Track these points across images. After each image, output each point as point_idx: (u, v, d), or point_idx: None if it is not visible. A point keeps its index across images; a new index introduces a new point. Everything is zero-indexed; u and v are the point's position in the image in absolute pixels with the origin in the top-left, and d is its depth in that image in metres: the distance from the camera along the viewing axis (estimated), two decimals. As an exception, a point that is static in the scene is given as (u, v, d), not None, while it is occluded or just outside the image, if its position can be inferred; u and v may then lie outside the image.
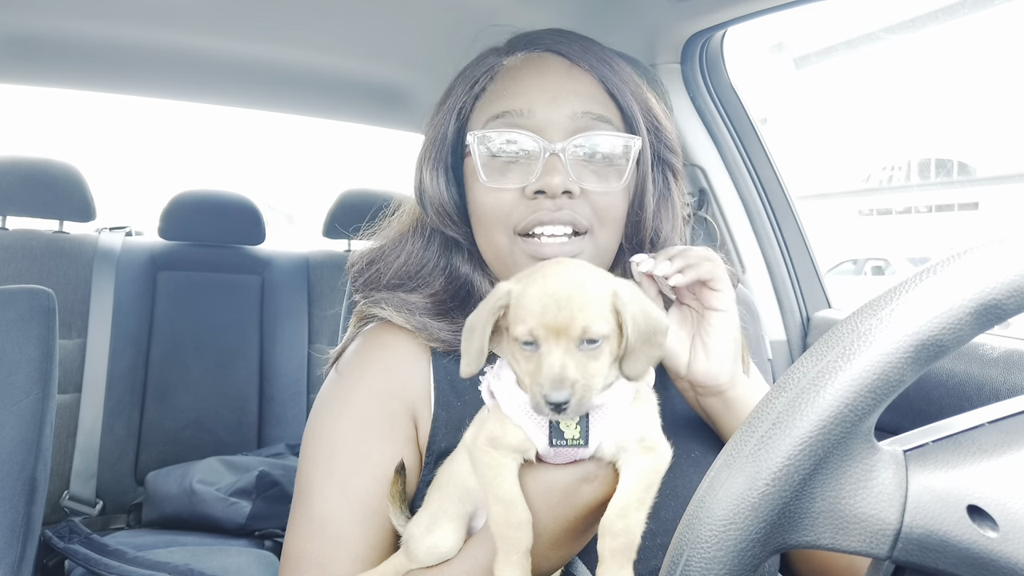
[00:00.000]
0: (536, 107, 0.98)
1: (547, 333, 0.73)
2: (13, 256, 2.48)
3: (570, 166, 0.96)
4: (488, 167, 0.99)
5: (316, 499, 0.95)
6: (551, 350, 0.73)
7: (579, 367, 0.73)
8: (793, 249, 1.96)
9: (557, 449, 0.79)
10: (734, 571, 0.48)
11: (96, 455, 2.43)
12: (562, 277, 0.76)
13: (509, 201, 0.98)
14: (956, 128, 16.18)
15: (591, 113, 0.99)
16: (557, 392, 0.71)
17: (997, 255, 0.48)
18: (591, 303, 0.74)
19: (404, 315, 1.03)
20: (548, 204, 0.96)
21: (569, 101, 0.98)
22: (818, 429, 0.47)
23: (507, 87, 1.02)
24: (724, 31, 1.83)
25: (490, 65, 1.05)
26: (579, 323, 0.73)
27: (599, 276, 0.79)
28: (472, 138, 1.00)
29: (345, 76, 2.44)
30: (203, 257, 2.80)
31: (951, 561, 0.46)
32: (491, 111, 1.01)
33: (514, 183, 0.98)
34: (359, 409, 0.99)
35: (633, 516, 0.76)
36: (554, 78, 1.01)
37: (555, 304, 0.73)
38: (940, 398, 1.44)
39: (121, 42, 2.21)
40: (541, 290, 0.75)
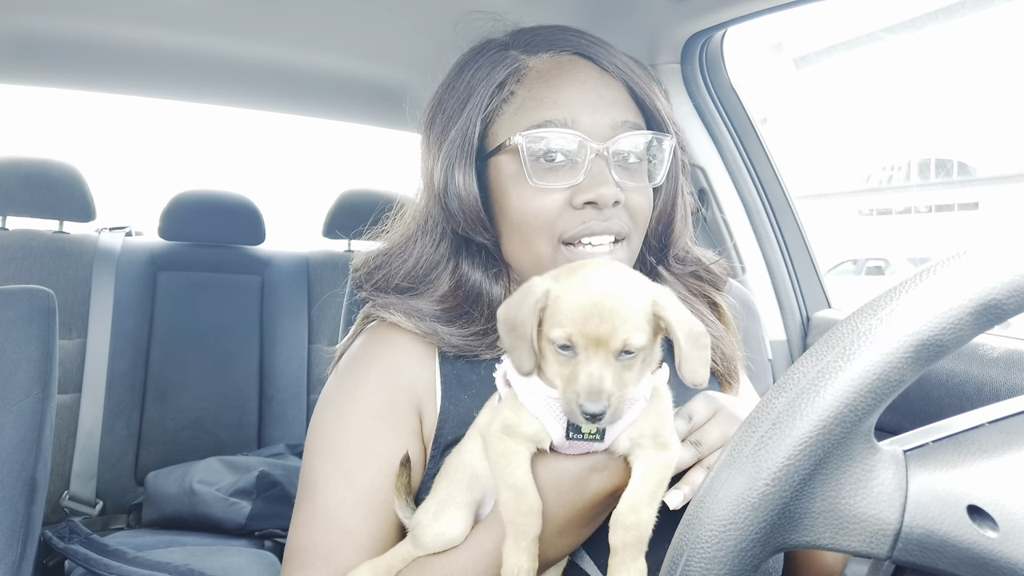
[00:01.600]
0: (579, 117, 0.98)
1: (587, 342, 0.73)
2: (13, 256, 2.48)
3: (614, 170, 0.97)
4: (534, 170, 0.98)
5: (321, 492, 0.96)
6: (590, 360, 0.73)
7: (615, 378, 0.73)
8: (793, 249, 1.96)
9: (572, 442, 0.80)
10: (734, 571, 0.48)
11: (96, 455, 2.43)
12: (604, 284, 0.75)
13: (555, 208, 0.97)
14: (956, 128, 16.18)
15: (628, 122, 1.00)
16: (594, 404, 0.71)
17: (997, 255, 0.48)
18: (632, 315, 0.74)
19: (414, 321, 1.02)
20: (598, 215, 0.96)
21: (608, 111, 0.99)
22: (818, 429, 0.47)
23: (545, 95, 1.00)
24: (724, 31, 1.83)
25: (514, 66, 1.03)
26: (620, 336, 0.73)
27: (638, 283, 0.78)
28: (521, 139, 0.98)
29: (345, 76, 2.44)
30: (203, 257, 2.80)
31: (951, 561, 0.46)
32: (531, 118, 0.99)
33: (560, 185, 0.97)
34: (364, 402, 0.99)
35: (644, 510, 0.77)
36: (592, 87, 1.00)
37: (598, 315, 0.73)
38: (940, 398, 1.44)
39: (121, 42, 2.21)
40: (583, 297, 0.74)
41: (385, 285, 1.08)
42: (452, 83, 1.07)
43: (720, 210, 1.96)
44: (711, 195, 1.96)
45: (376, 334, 1.07)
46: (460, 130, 1.03)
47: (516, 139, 0.98)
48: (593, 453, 0.82)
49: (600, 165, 0.96)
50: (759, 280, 1.96)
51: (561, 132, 0.97)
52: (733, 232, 1.97)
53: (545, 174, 0.97)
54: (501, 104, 1.02)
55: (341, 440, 0.98)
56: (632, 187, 0.99)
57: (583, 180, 0.96)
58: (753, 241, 1.97)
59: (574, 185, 0.97)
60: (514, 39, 1.08)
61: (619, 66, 1.03)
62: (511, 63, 1.03)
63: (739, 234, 1.97)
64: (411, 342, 1.03)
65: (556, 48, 1.05)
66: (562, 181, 0.97)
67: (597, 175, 0.96)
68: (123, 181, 17.36)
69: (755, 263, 1.97)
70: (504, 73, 1.03)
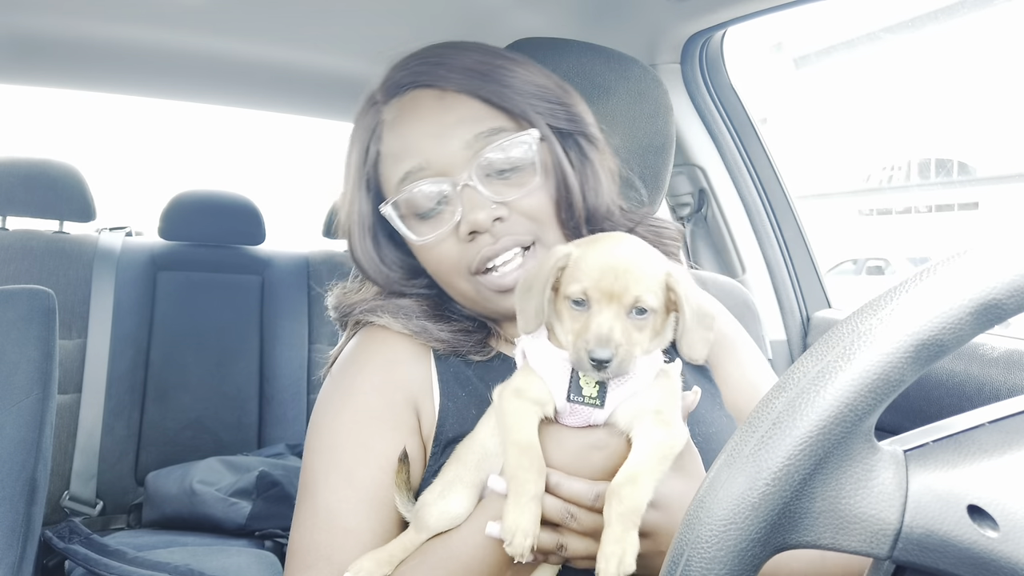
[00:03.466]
0: (430, 156, 0.97)
1: (601, 296, 0.78)
2: (13, 256, 2.48)
3: (487, 190, 0.96)
4: (416, 228, 0.99)
5: (321, 491, 0.96)
6: (602, 311, 0.78)
7: (625, 332, 0.77)
8: (793, 249, 1.96)
9: (573, 406, 0.81)
10: (735, 571, 0.48)
11: (96, 455, 2.43)
12: (622, 248, 0.81)
13: (452, 250, 0.99)
14: (956, 128, 16.18)
15: (482, 133, 0.98)
16: (602, 349, 0.75)
17: (997, 255, 0.48)
18: (646, 276, 0.78)
19: (402, 320, 1.04)
20: (486, 239, 0.97)
21: (456, 134, 0.97)
22: (818, 429, 0.47)
23: (394, 146, 1.01)
24: (724, 31, 1.84)
25: (373, 126, 1.04)
26: (633, 292, 0.77)
27: (655, 254, 0.83)
28: (388, 210, 1.00)
29: (345, 76, 2.44)
30: (203, 257, 2.80)
31: (951, 561, 0.46)
32: (393, 176, 1.00)
33: (445, 228, 0.98)
34: (361, 401, 1.00)
35: (641, 483, 0.77)
36: (432, 118, 0.99)
37: (612, 271, 0.78)
38: (940, 398, 1.44)
39: (121, 42, 2.21)
40: (601, 256, 0.79)
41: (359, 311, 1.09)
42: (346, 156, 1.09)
43: (720, 210, 1.97)
44: (711, 195, 1.97)
45: (369, 335, 1.07)
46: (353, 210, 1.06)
47: (384, 211, 1.01)
48: (595, 427, 0.83)
49: (470, 193, 0.96)
50: (759, 280, 1.96)
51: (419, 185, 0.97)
52: (733, 232, 1.97)
53: (427, 225, 0.99)
54: (375, 168, 1.04)
55: (340, 439, 0.98)
56: (518, 194, 0.98)
57: (459, 215, 0.97)
58: (753, 241, 1.97)
59: (455, 223, 0.97)
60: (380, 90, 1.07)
61: (459, 80, 1.00)
62: (371, 123, 1.05)
63: (739, 234, 1.97)
64: (405, 341, 1.04)
65: (399, 89, 1.04)
66: (443, 225, 0.98)
67: (469, 204, 0.96)
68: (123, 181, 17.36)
69: (755, 263, 1.97)
70: (367, 138, 1.04)
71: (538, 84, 1.04)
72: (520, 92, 1.01)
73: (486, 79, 1.00)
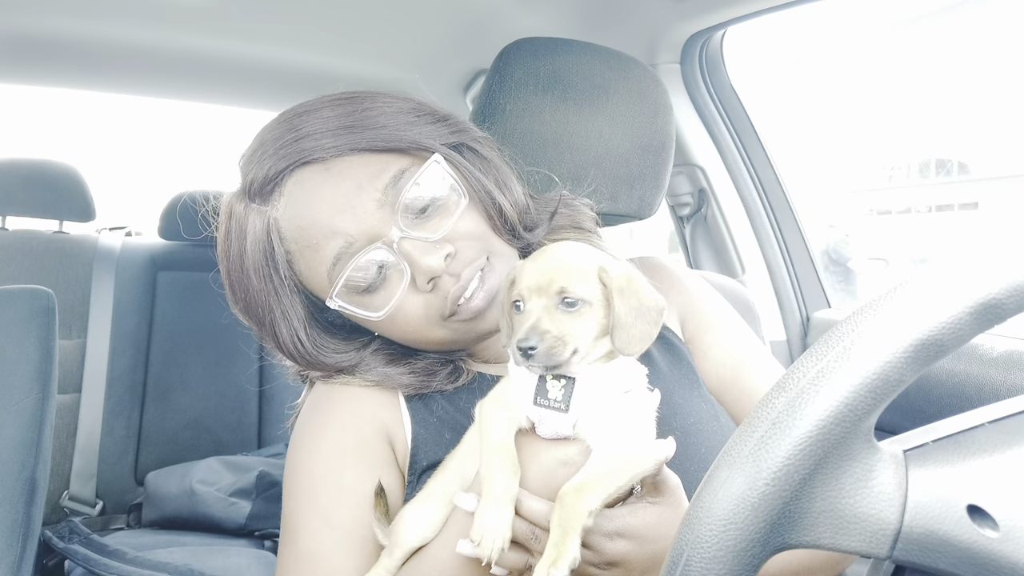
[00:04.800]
0: (349, 229, 0.91)
1: (530, 292, 0.80)
2: (13, 256, 2.48)
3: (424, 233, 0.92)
4: (371, 304, 0.94)
5: (302, 536, 0.95)
6: (531, 306, 0.80)
7: (555, 321, 0.78)
8: (793, 249, 1.96)
9: (542, 414, 0.81)
10: (734, 571, 0.48)
11: (96, 455, 2.43)
12: (557, 249, 0.84)
13: (417, 307, 0.94)
14: (956, 128, 16.18)
15: (388, 184, 0.92)
16: (527, 338, 0.77)
17: (997, 255, 0.48)
18: (573, 269, 0.80)
19: (360, 375, 1.01)
20: (447, 280, 0.93)
21: (360, 199, 0.92)
22: (818, 429, 0.47)
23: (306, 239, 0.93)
24: (724, 31, 1.84)
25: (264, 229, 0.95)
26: (558, 282, 0.79)
27: (591, 252, 0.85)
28: (335, 303, 0.95)
29: (345, 76, 2.44)
30: (203, 257, 2.79)
31: (951, 561, 0.46)
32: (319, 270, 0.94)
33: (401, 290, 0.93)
34: (332, 440, 0.98)
35: (587, 492, 0.76)
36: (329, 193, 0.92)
37: (539, 269, 0.81)
38: (940, 398, 1.44)
39: (121, 42, 2.21)
40: (536, 260, 0.83)
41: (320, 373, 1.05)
42: (234, 282, 1.02)
43: (720, 210, 1.97)
44: (711, 195, 1.97)
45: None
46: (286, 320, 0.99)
47: (332, 305, 0.95)
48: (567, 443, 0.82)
49: (409, 245, 0.91)
50: (759, 280, 1.96)
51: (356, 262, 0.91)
52: (733, 232, 1.97)
53: (378, 299, 0.94)
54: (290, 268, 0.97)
55: (315, 480, 0.97)
56: (450, 224, 0.94)
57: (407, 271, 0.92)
58: (753, 241, 1.97)
59: (407, 281, 0.93)
60: (246, 193, 0.97)
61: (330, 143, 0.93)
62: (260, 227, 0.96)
63: (739, 234, 1.97)
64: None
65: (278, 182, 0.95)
66: (396, 286, 0.93)
67: (416, 255, 0.91)
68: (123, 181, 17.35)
69: (755, 263, 1.97)
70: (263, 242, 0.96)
71: (409, 109, 0.99)
72: (398, 125, 0.96)
73: (358, 129, 0.94)
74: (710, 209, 1.98)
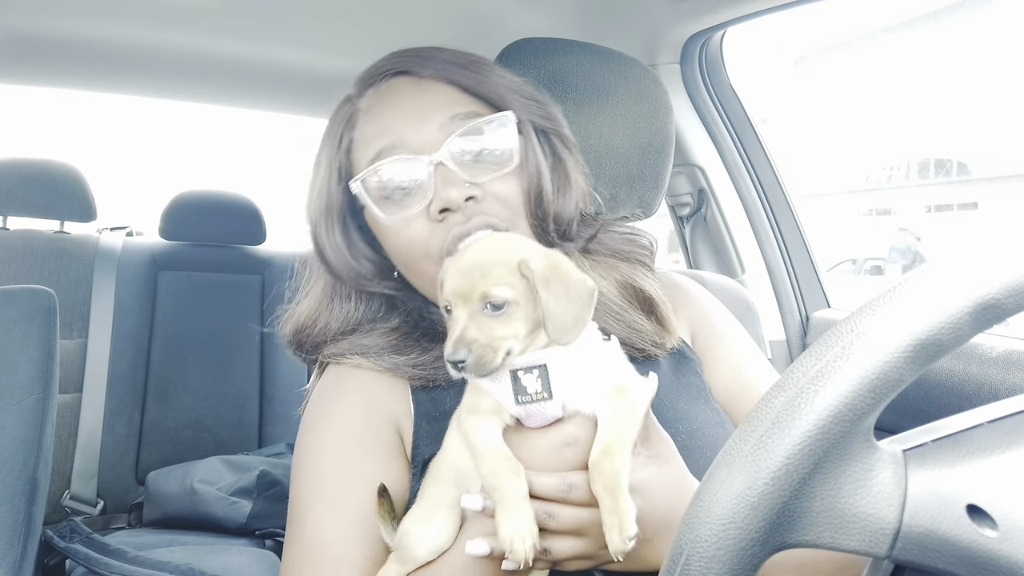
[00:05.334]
0: (405, 135, 0.96)
1: (455, 300, 0.78)
2: (14, 256, 2.48)
3: (461, 171, 0.95)
4: (386, 207, 0.97)
5: (309, 521, 0.95)
6: (456, 315, 0.78)
7: (483, 329, 0.77)
8: (792, 249, 1.97)
9: (528, 408, 0.80)
10: (734, 570, 0.48)
11: (97, 455, 2.43)
12: (476, 249, 0.82)
13: (422, 231, 0.96)
14: (955, 128, 16.17)
15: (458, 115, 0.97)
16: (454, 352, 0.76)
17: (996, 254, 0.48)
18: (493, 270, 0.78)
19: (372, 360, 1.02)
20: (458, 218, 0.94)
21: (432, 115, 0.97)
22: (817, 428, 0.47)
23: (369, 129, 1.00)
24: (724, 31, 1.84)
25: (347, 115, 1.03)
26: (479, 288, 0.77)
27: (514, 245, 0.83)
28: (356, 186, 0.98)
29: (345, 76, 2.44)
30: (204, 257, 2.80)
31: (950, 560, 0.46)
32: (366, 157, 0.98)
33: (416, 209, 0.96)
34: (343, 427, 0.98)
35: (617, 453, 0.77)
36: (408, 100, 0.99)
37: (459, 273, 0.79)
38: (939, 397, 1.44)
39: (121, 42, 2.21)
40: (456, 262, 0.81)
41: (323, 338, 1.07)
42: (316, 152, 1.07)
43: (719, 210, 1.97)
44: (710, 195, 1.97)
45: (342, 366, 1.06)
46: (320, 198, 1.03)
47: (353, 188, 0.98)
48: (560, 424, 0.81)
49: (443, 172, 0.94)
50: (758, 280, 1.97)
51: (392, 159, 0.95)
52: (732, 232, 1.97)
53: (397, 206, 0.97)
54: (348, 156, 1.02)
55: (324, 467, 0.97)
56: (491, 178, 0.97)
57: (431, 195, 0.95)
58: (752, 241, 1.97)
59: (426, 204, 0.95)
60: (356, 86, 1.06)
61: (436, 67, 1.00)
62: (345, 115, 1.03)
63: (738, 234, 1.97)
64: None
65: (376, 79, 1.04)
66: (415, 205, 0.96)
67: (442, 182, 0.94)
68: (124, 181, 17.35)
69: (754, 263, 1.97)
70: (341, 127, 1.03)
71: (514, 81, 1.04)
72: (497, 83, 1.01)
73: (463, 68, 1.01)
74: (710, 209, 1.98)
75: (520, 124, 1.00)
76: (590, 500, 0.78)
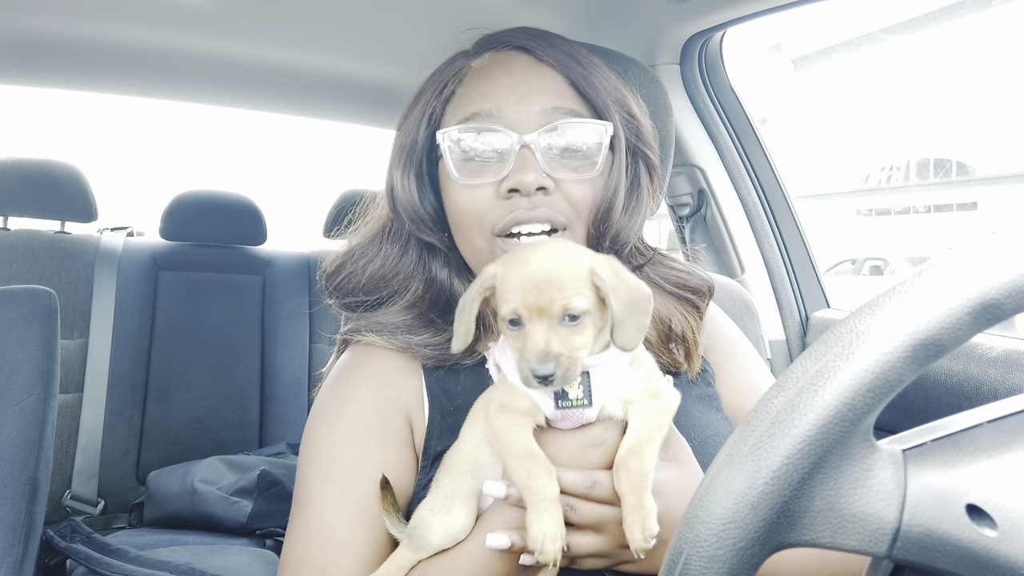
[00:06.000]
0: (505, 107, 0.97)
1: (530, 313, 0.78)
2: (15, 256, 2.48)
3: (543, 160, 0.96)
4: (461, 167, 0.99)
5: (315, 504, 0.95)
6: (535, 328, 0.78)
7: (563, 341, 0.77)
8: (792, 249, 1.97)
9: (564, 412, 0.82)
10: (734, 570, 0.48)
11: (98, 455, 2.43)
12: (542, 258, 0.81)
13: (484, 201, 0.98)
14: (955, 128, 16.17)
15: (561, 108, 0.98)
16: (543, 366, 0.75)
17: (996, 254, 0.48)
18: (569, 282, 0.78)
19: (386, 337, 1.03)
20: (524, 203, 0.95)
21: (537, 99, 0.98)
22: (817, 428, 0.47)
23: (475, 89, 1.01)
24: (724, 32, 1.84)
25: (458, 68, 1.05)
26: (559, 302, 0.77)
27: (578, 253, 0.83)
28: (442, 137, 0.99)
29: (345, 76, 2.44)
30: (204, 257, 2.80)
31: (950, 560, 0.46)
32: (461, 114, 1.00)
33: (488, 180, 0.97)
34: (355, 414, 0.99)
35: (644, 451, 0.79)
36: (521, 77, 1.00)
37: (535, 287, 0.78)
38: (939, 397, 1.44)
39: (121, 42, 2.21)
40: (522, 272, 0.79)
41: (348, 286, 1.09)
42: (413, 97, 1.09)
43: (719, 210, 1.97)
44: (710, 195, 1.97)
45: (360, 350, 1.07)
46: (406, 134, 1.06)
47: (440, 135, 1.00)
48: (589, 426, 0.83)
49: (526, 154, 0.96)
50: (758, 280, 1.97)
51: (484, 126, 0.97)
52: (732, 232, 1.97)
53: (472, 170, 0.98)
54: (444, 106, 1.04)
55: (335, 452, 0.97)
56: (570, 177, 0.98)
57: (507, 171, 0.96)
58: (752, 241, 1.97)
59: (501, 177, 0.97)
60: (474, 46, 1.09)
61: (559, 56, 1.02)
62: (456, 68, 1.05)
63: (738, 234, 1.97)
64: (395, 354, 1.04)
65: (496, 46, 1.06)
66: (489, 175, 0.97)
67: (521, 164, 0.95)
68: (125, 181, 17.36)
69: (754, 263, 1.97)
70: (448, 76, 1.05)
71: (621, 93, 1.05)
72: (605, 91, 1.02)
73: (580, 66, 1.02)
74: (709, 209, 1.98)
75: (614, 138, 1.02)
76: (612, 498, 0.80)
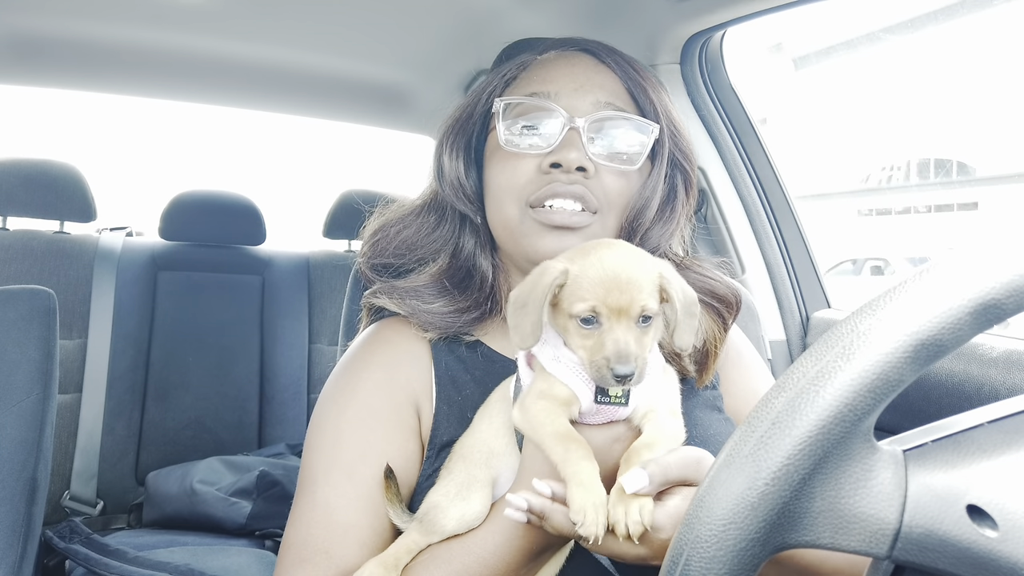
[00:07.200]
0: (562, 92, 1.03)
1: (610, 312, 0.80)
2: (14, 256, 2.48)
3: (588, 144, 1.01)
4: (510, 135, 1.04)
5: (321, 486, 0.96)
6: (614, 328, 0.80)
7: (638, 342, 0.80)
8: (792, 249, 1.96)
9: (599, 407, 0.84)
10: (734, 570, 0.48)
11: (97, 455, 2.43)
12: (618, 258, 0.83)
13: (526, 174, 1.02)
14: (955, 128, 16.17)
15: (613, 104, 1.04)
16: (624, 366, 0.78)
17: (996, 254, 0.48)
18: (647, 284, 0.81)
19: (395, 300, 1.07)
20: (562, 178, 1.00)
21: (594, 91, 1.04)
22: (818, 429, 0.47)
23: (537, 74, 1.08)
24: (724, 31, 1.83)
25: (523, 62, 1.11)
26: (639, 303, 0.80)
27: (645, 255, 0.86)
28: (499, 104, 1.04)
29: (345, 76, 2.45)
30: (204, 257, 2.80)
31: (950, 561, 0.46)
32: (521, 92, 1.06)
33: (533, 153, 1.02)
34: (365, 399, 1.01)
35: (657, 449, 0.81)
36: (582, 70, 1.07)
37: (617, 287, 0.80)
38: (940, 398, 1.44)
39: (121, 42, 2.21)
40: (601, 271, 0.81)
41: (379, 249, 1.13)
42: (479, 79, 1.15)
43: (720, 210, 1.96)
44: (711, 195, 1.96)
45: (374, 334, 1.09)
46: (461, 109, 1.11)
47: (497, 103, 1.05)
48: (615, 423, 0.85)
49: (573, 135, 1.01)
50: (758, 280, 1.96)
51: (538, 102, 1.03)
52: (733, 232, 1.97)
53: (520, 141, 1.03)
54: (504, 87, 1.09)
55: (343, 436, 0.99)
56: (609, 167, 1.03)
57: (553, 147, 1.01)
58: (752, 241, 1.97)
59: (545, 153, 1.01)
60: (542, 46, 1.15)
61: (617, 61, 1.09)
62: (522, 60, 1.12)
63: (739, 234, 1.97)
64: (408, 342, 1.06)
65: (562, 46, 1.12)
66: (535, 148, 1.02)
67: (567, 143, 1.01)
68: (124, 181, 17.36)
69: (754, 263, 1.97)
70: (512, 67, 1.11)
71: (670, 108, 1.11)
72: (656, 101, 1.08)
73: (638, 76, 1.09)
74: (709, 209, 1.98)
75: (657, 144, 1.07)
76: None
